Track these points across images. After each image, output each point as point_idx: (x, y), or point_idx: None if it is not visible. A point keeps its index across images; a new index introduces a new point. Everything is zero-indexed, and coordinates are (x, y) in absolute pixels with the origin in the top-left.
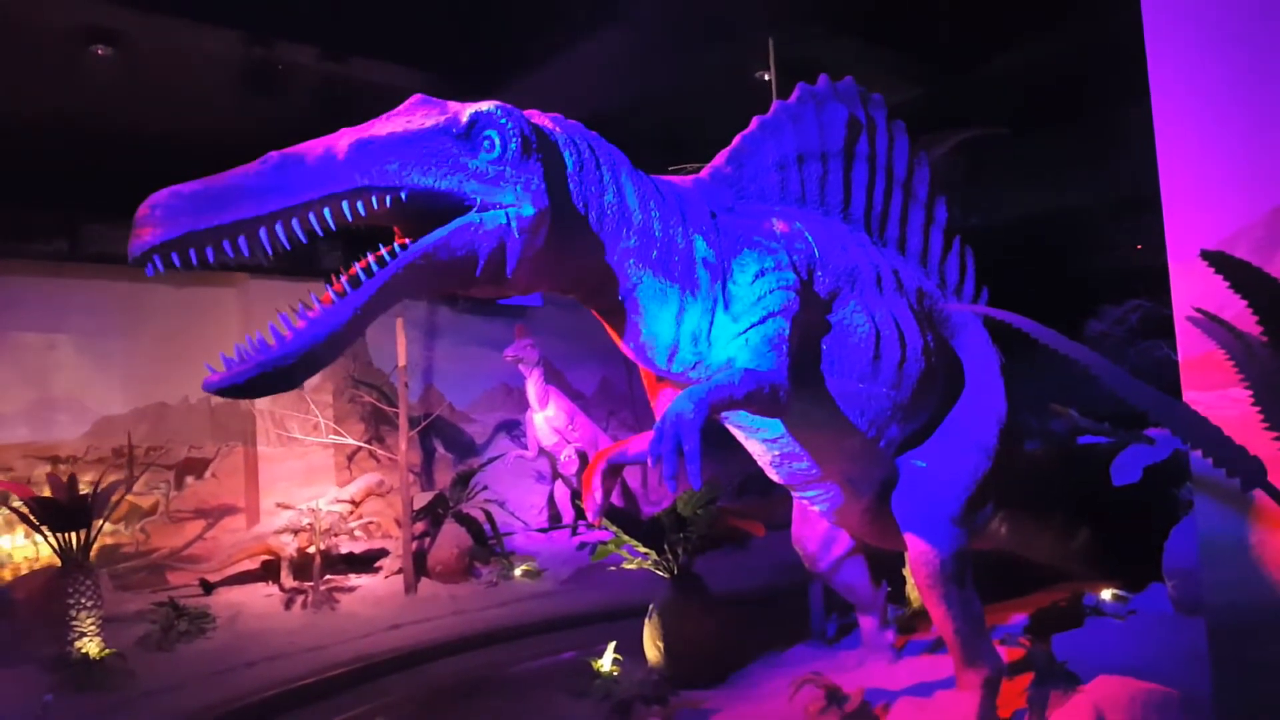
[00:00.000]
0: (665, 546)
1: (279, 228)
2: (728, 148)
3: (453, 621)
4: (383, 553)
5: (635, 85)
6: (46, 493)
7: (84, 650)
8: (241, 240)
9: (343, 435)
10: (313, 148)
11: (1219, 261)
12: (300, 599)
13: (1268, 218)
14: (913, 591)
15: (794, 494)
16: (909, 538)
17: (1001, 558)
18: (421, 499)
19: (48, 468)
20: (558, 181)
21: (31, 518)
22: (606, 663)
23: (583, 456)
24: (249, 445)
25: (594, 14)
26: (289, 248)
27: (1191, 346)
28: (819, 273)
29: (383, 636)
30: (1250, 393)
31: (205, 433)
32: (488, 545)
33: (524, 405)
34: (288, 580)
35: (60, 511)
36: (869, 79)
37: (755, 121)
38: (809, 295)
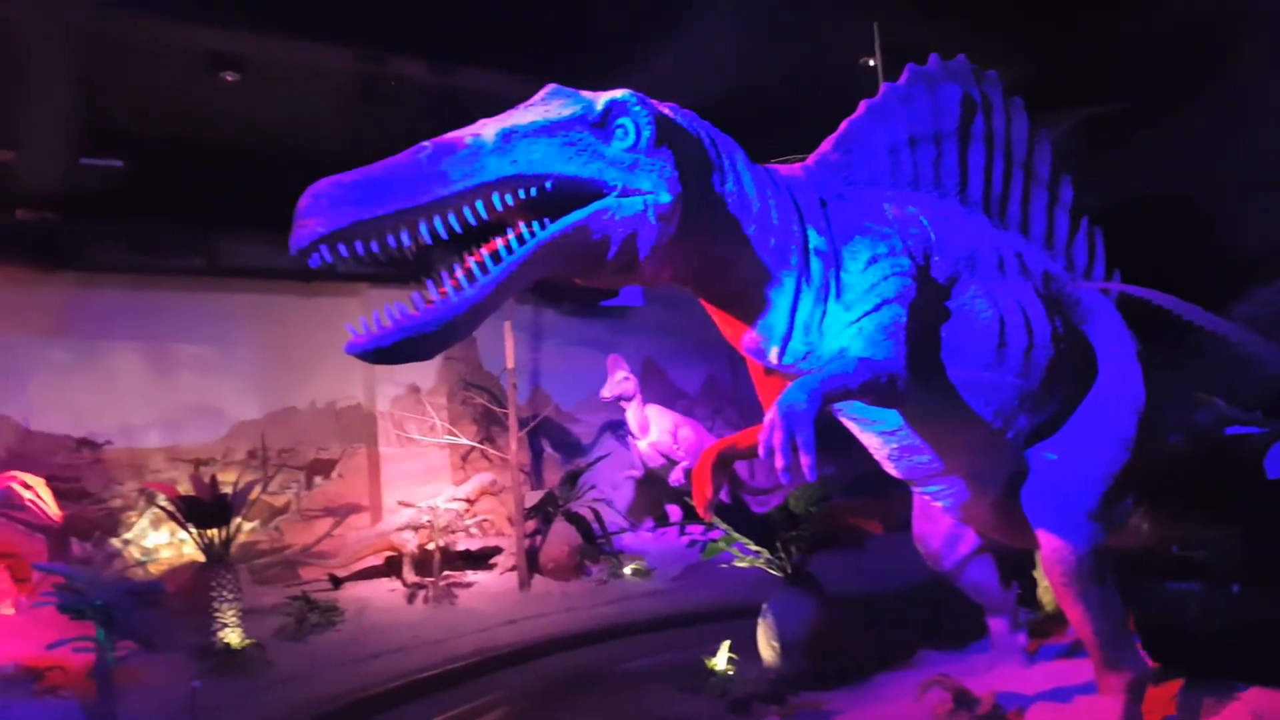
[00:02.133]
0: (778, 545)
1: (436, 219)
2: (834, 134)
3: (566, 618)
4: (497, 550)
5: (738, 76)
6: (191, 492)
7: (226, 640)
8: (404, 232)
9: (457, 436)
10: (459, 137)
11: None
12: (421, 594)
13: None
14: (1046, 594)
15: (914, 489)
16: (1041, 534)
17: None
18: (532, 498)
19: (190, 469)
20: (685, 170)
21: (178, 515)
22: (721, 661)
23: (689, 474)
24: (371, 446)
25: (695, 7)
26: (446, 239)
27: None
28: (936, 257)
29: (500, 631)
30: None
31: (331, 435)
32: (597, 544)
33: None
34: (409, 575)
35: (204, 510)
36: (981, 59)
37: (863, 106)
38: (926, 281)
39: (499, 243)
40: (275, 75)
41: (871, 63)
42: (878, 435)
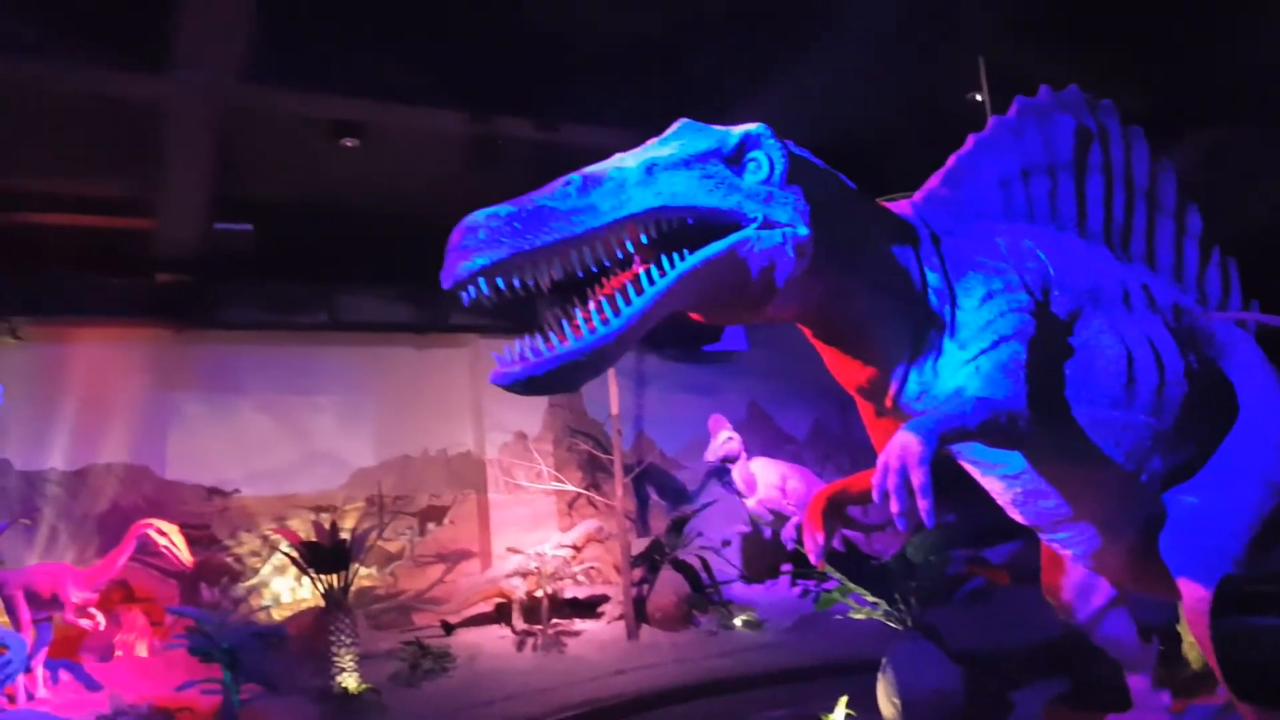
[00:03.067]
0: (896, 595)
1: (586, 252)
2: (941, 169)
3: (675, 669)
4: (604, 598)
5: (842, 115)
6: (312, 538)
7: (344, 685)
8: (557, 264)
9: (563, 482)
10: (605, 172)
11: None
12: (531, 641)
13: None
14: (1191, 650)
15: (1041, 536)
16: (1183, 584)
17: None
18: (638, 545)
19: (312, 516)
20: (814, 204)
21: (300, 561)
22: (839, 717)
23: (800, 530)
24: (481, 493)
25: (796, 51)
26: (595, 271)
27: None
28: (1055, 292)
29: (608, 681)
30: None
31: (443, 482)
32: (705, 593)
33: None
34: (519, 623)
35: (324, 555)
36: (1095, 88)
37: (971, 140)
38: (1045, 316)
39: (639, 272)
40: (391, 140)
41: (979, 97)
42: (1000, 479)
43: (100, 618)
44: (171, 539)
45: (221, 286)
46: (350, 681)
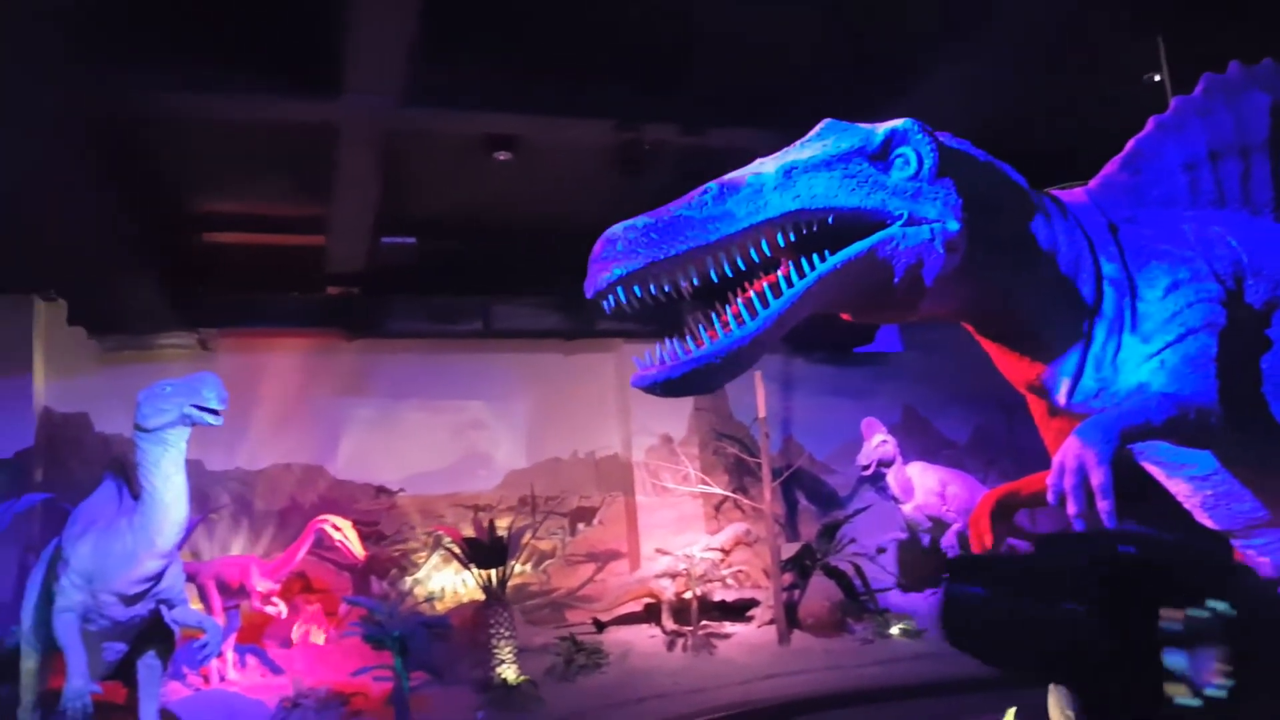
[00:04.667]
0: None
1: (723, 258)
2: (1119, 154)
3: (828, 676)
4: (754, 602)
5: (1007, 103)
6: (472, 535)
7: (504, 676)
8: (693, 271)
9: (710, 485)
10: (743, 178)
11: None
12: (680, 642)
13: None
14: None
15: (1234, 543)
16: None
17: None
18: (788, 550)
19: (470, 515)
20: (968, 198)
21: (462, 557)
22: None
23: (962, 537)
24: (628, 495)
25: (958, 37)
26: (732, 277)
27: None
28: (1250, 280)
29: (760, 684)
30: None
31: (592, 483)
32: (860, 600)
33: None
34: (669, 623)
35: (484, 551)
36: None
37: (1151, 122)
38: (1238, 307)
39: (778, 275)
40: (542, 152)
41: (1157, 78)
42: (1188, 481)
43: (282, 606)
44: (346, 534)
45: (387, 298)
46: (510, 673)
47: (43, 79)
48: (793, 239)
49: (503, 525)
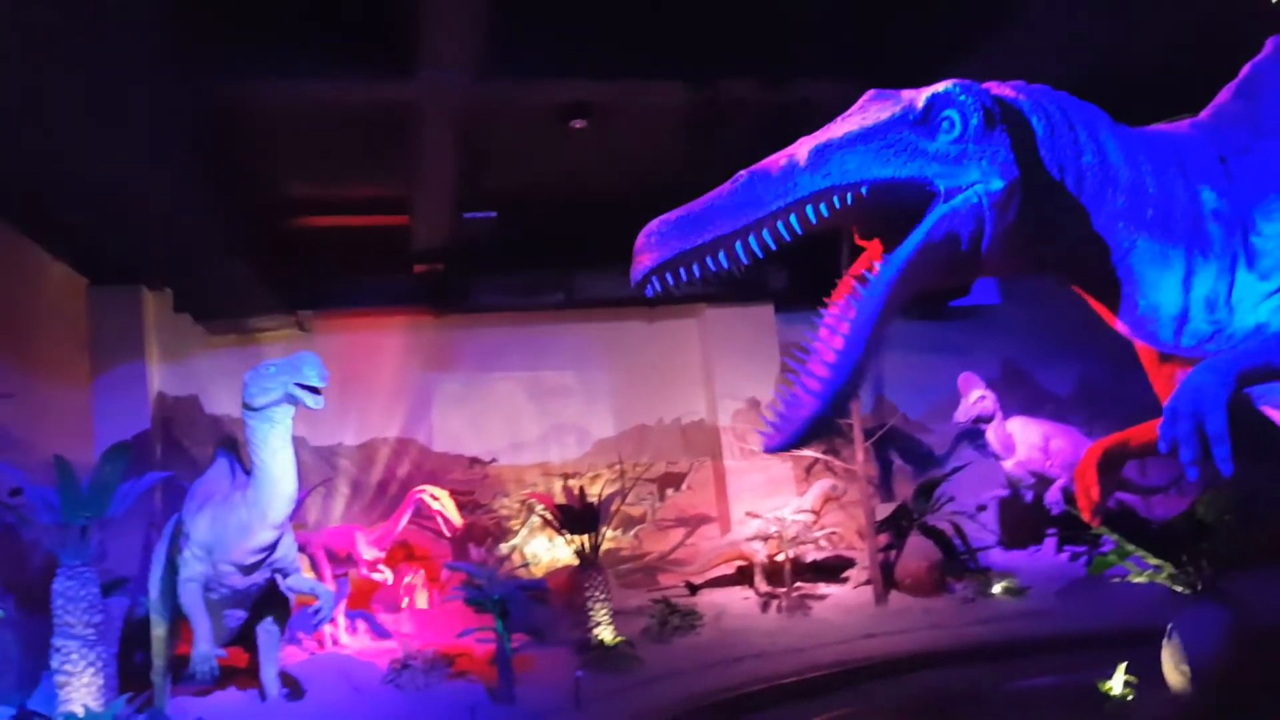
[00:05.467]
0: (1184, 558)
1: (752, 240)
2: (1233, 81)
3: (929, 635)
4: (849, 563)
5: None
6: (564, 502)
7: (600, 637)
8: (722, 255)
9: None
10: (776, 160)
11: None
12: (775, 603)
13: None
14: None
15: None
16: None
17: None
18: (882, 510)
19: (561, 482)
20: (1027, 150)
21: (555, 523)
22: (1117, 685)
23: (1067, 492)
24: (716, 459)
25: None
26: (761, 257)
27: None
28: None
29: (859, 644)
30: None
31: (679, 449)
32: (960, 560)
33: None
34: (762, 585)
35: (576, 517)
36: None
37: (1270, 44)
38: None
39: (848, 296)
40: (617, 116)
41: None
42: None
43: (388, 573)
44: (444, 503)
45: (471, 273)
46: (606, 634)
47: (140, 74)
48: (825, 214)
49: (593, 492)
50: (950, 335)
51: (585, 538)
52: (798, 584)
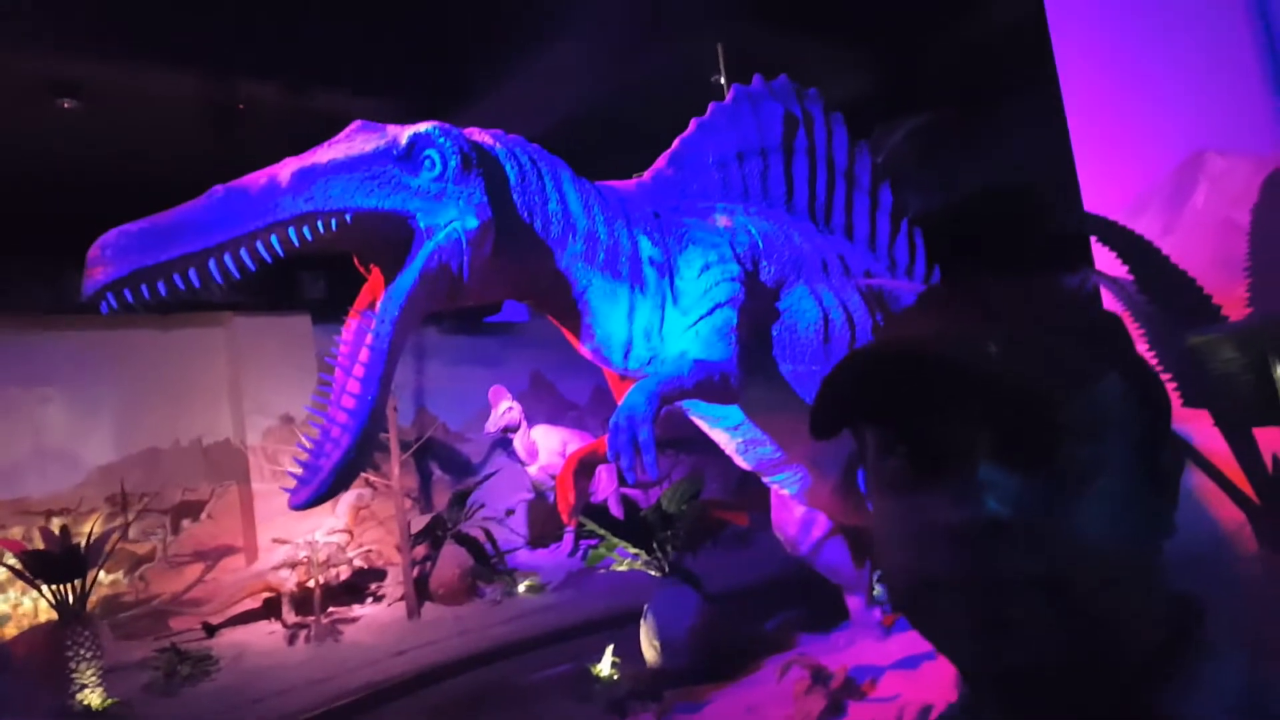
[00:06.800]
0: (654, 545)
1: (227, 258)
2: (669, 150)
3: (458, 642)
4: (381, 574)
5: (594, 95)
6: (40, 546)
7: (86, 702)
8: (192, 273)
9: None
10: (256, 179)
11: (1100, 227)
12: (303, 633)
13: (1172, 176)
14: None
15: (764, 479)
16: None
17: None
18: (419, 522)
19: (41, 522)
20: (501, 194)
21: (25, 573)
22: (605, 667)
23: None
24: (243, 483)
25: (550, 29)
26: (238, 278)
27: (1109, 305)
28: (764, 263)
29: (389, 663)
30: (1145, 342)
31: (200, 474)
32: (490, 564)
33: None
34: (289, 616)
35: (54, 564)
36: (824, 73)
37: (693, 124)
38: (755, 285)
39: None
40: (121, 105)
41: (722, 80)
42: (725, 431)
43: None
44: None
45: None
46: (93, 698)
47: None
48: (309, 238)
49: (85, 530)
50: (489, 349)
51: (68, 587)
52: (330, 609)
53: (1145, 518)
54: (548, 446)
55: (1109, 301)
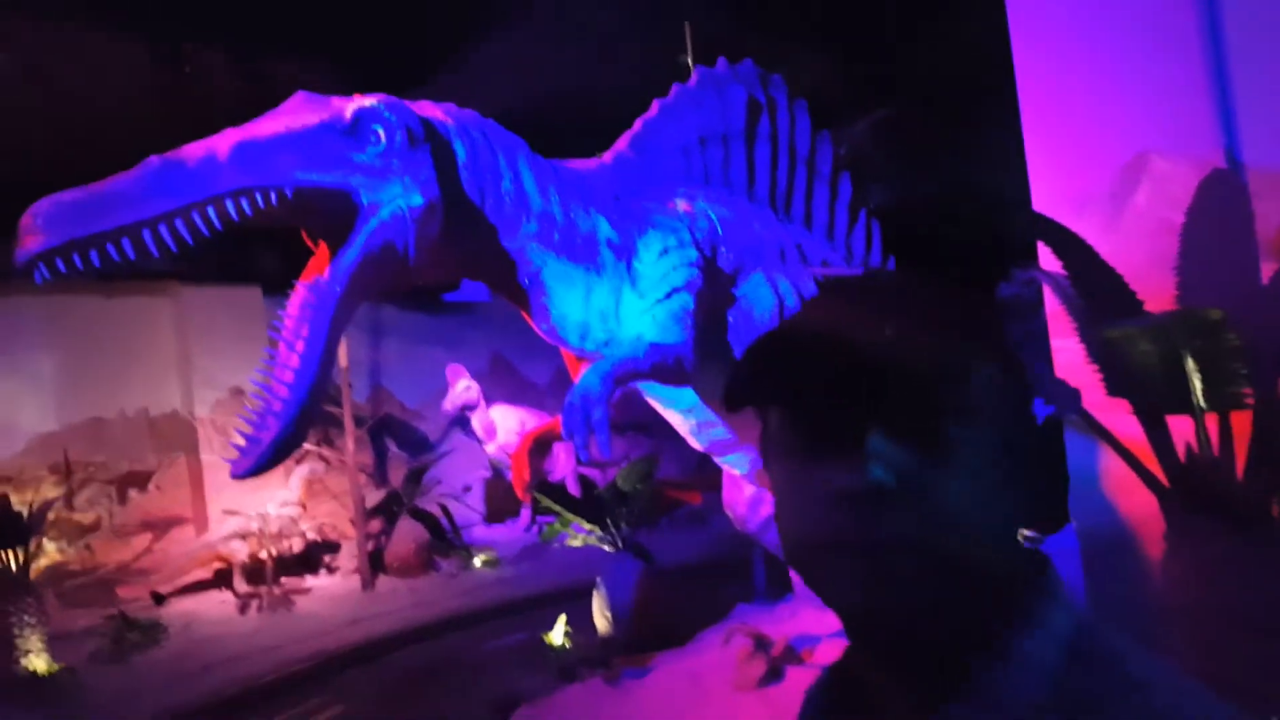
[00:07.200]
0: (608, 522)
1: (163, 231)
2: (630, 131)
3: (412, 614)
4: (335, 547)
5: (561, 71)
6: None
7: (31, 667)
8: (126, 244)
9: None
10: (194, 150)
11: (1040, 225)
12: (255, 603)
13: (1117, 176)
14: None
15: (716, 460)
16: None
17: None
18: (374, 497)
19: None
20: (449, 171)
21: None
22: (558, 636)
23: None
24: (192, 455)
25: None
26: (175, 250)
27: (1050, 298)
28: (722, 249)
29: (342, 632)
30: (1077, 335)
31: (146, 445)
32: (447, 539)
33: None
34: (241, 586)
35: None
36: (788, 63)
37: (656, 105)
38: (712, 270)
39: (303, 298)
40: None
41: (689, 60)
42: (679, 413)
43: None
44: None
45: None
46: (39, 663)
47: None
48: (248, 211)
49: (25, 498)
50: (447, 328)
51: (9, 554)
52: (283, 579)
53: (1006, 487)
54: (506, 425)
55: (1048, 297)
